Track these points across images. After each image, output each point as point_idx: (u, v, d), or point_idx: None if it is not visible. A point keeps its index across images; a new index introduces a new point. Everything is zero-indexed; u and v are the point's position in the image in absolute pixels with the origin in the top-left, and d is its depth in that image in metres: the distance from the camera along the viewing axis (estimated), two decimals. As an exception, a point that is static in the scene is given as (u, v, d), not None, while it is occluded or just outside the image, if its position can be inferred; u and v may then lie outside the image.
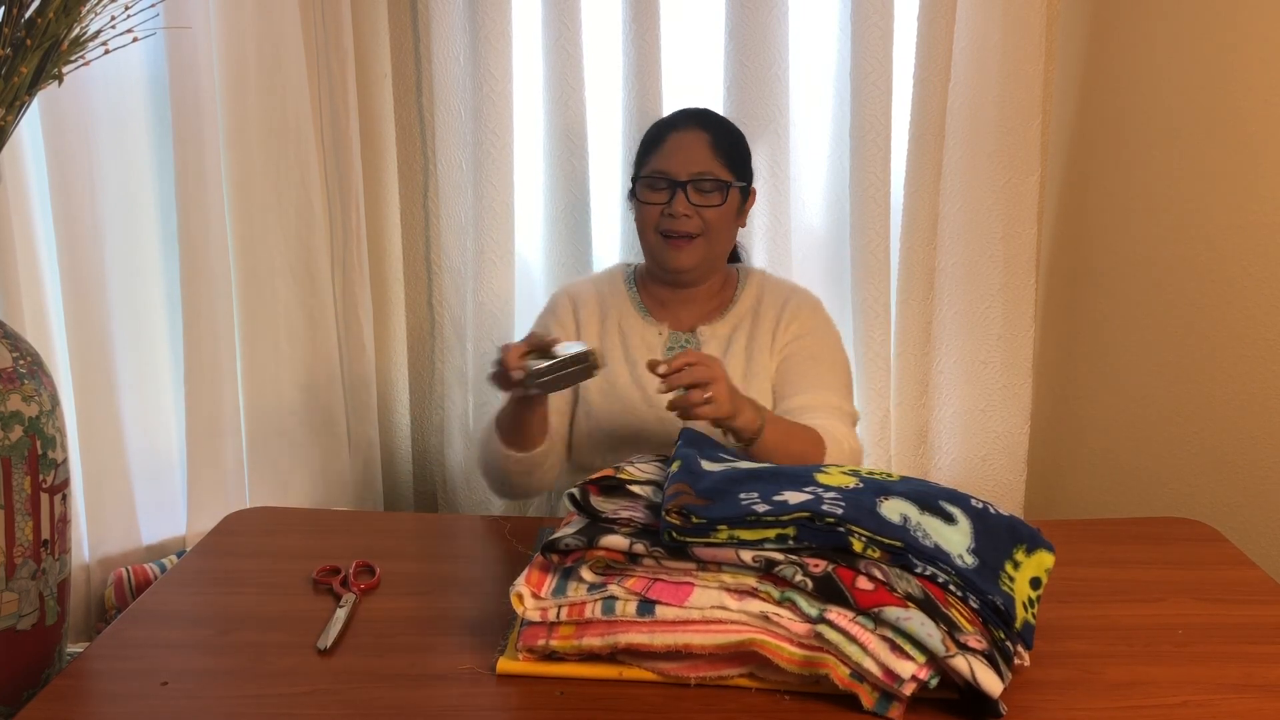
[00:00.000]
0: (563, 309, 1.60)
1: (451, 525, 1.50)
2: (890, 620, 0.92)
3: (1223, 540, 1.32)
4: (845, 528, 0.96)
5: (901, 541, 0.96)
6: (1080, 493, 2.03)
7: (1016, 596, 0.99)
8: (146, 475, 1.73)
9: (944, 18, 1.83)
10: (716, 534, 0.97)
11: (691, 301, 1.58)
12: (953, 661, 0.90)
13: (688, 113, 1.58)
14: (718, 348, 1.55)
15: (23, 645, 1.08)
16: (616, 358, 1.55)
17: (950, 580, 0.95)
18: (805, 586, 0.94)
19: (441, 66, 1.88)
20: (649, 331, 1.57)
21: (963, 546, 0.99)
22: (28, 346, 1.11)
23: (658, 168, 1.52)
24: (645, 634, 0.96)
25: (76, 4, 1.05)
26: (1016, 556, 1.03)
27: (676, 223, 1.49)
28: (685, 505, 0.98)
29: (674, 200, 1.49)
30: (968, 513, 1.04)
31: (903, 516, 1.00)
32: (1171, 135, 1.77)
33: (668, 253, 1.52)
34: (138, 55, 1.63)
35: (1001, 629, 0.94)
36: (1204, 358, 1.75)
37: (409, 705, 0.96)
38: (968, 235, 1.95)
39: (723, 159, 1.51)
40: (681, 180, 1.49)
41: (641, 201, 1.53)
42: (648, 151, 1.56)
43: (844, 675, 0.92)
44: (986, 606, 0.95)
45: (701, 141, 1.51)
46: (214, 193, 1.70)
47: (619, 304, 1.59)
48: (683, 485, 1.02)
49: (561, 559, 1.01)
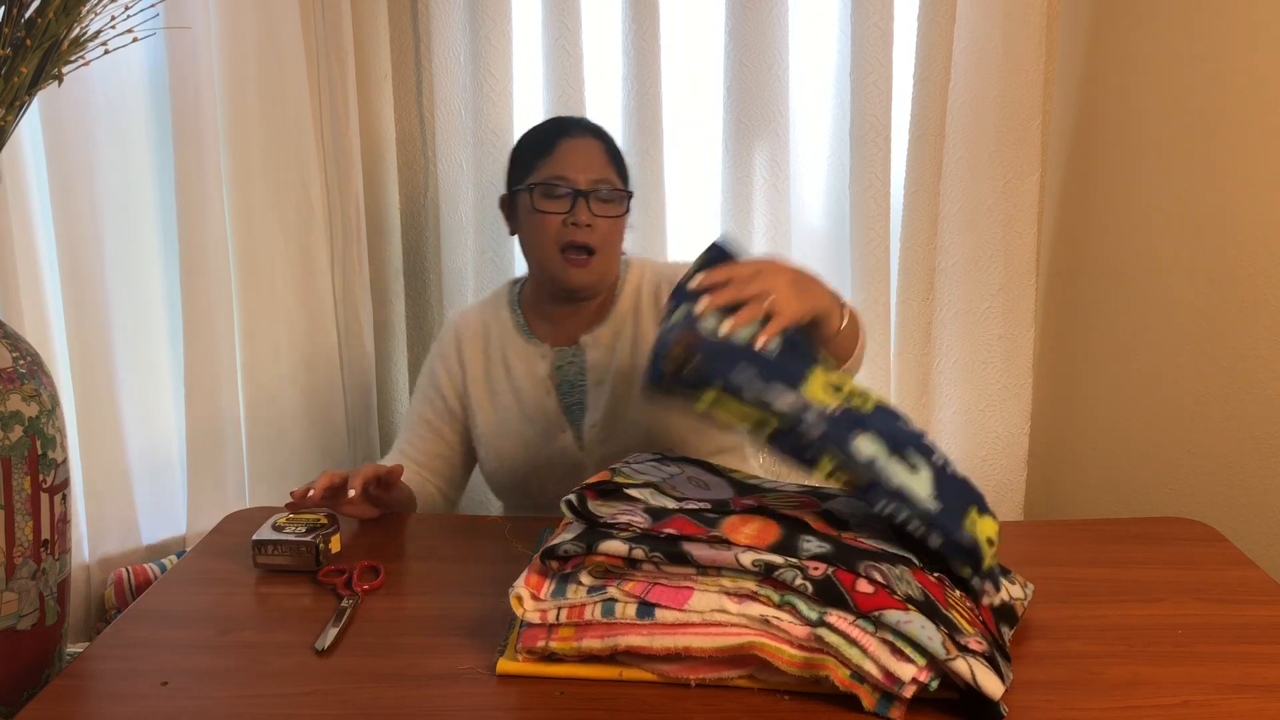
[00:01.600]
0: (447, 346, 1.56)
1: (451, 525, 1.50)
2: (890, 623, 0.91)
3: (1223, 540, 1.32)
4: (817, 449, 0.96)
5: (871, 477, 0.97)
6: (1080, 493, 2.03)
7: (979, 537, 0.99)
8: (146, 475, 1.73)
9: (944, 18, 1.83)
10: (702, 392, 0.95)
11: (575, 313, 1.52)
12: (953, 664, 0.90)
13: (573, 120, 1.53)
14: (603, 356, 1.49)
15: (23, 645, 1.08)
16: (504, 390, 1.52)
17: (914, 516, 0.96)
18: (805, 590, 0.94)
19: (441, 66, 1.88)
20: (533, 354, 1.51)
21: (924, 493, 1.00)
22: (28, 346, 1.12)
23: (556, 174, 1.43)
24: (644, 636, 0.96)
25: (76, 4, 1.05)
26: (971, 516, 1.02)
27: (579, 233, 1.42)
28: (690, 345, 0.96)
29: (575, 209, 1.42)
30: (931, 466, 1.03)
31: (872, 455, 1.00)
32: (1172, 135, 1.77)
33: (569, 272, 1.44)
34: (138, 55, 1.63)
35: (970, 567, 0.96)
36: (1204, 358, 1.75)
37: (409, 705, 0.96)
38: (968, 235, 1.95)
39: (615, 168, 1.47)
40: (583, 188, 1.42)
41: (539, 211, 1.44)
42: (535, 157, 1.46)
43: (844, 677, 0.92)
44: (952, 545, 0.96)
45: (596, 149, 1.46)
46: (214, 193, 1.70)
47: (502, 332, 1.54)
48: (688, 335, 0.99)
49: (561, 565, 1.01)
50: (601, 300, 1.53)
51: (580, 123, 1.52)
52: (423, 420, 1.57)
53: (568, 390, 1.51)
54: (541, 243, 1.45)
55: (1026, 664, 1.00)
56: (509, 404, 1.52)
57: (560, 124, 1.51)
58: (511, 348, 1.53)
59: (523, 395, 1.51)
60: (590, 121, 1.53)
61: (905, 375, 1.98)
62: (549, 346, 1.52)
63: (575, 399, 1.50)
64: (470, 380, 1.54)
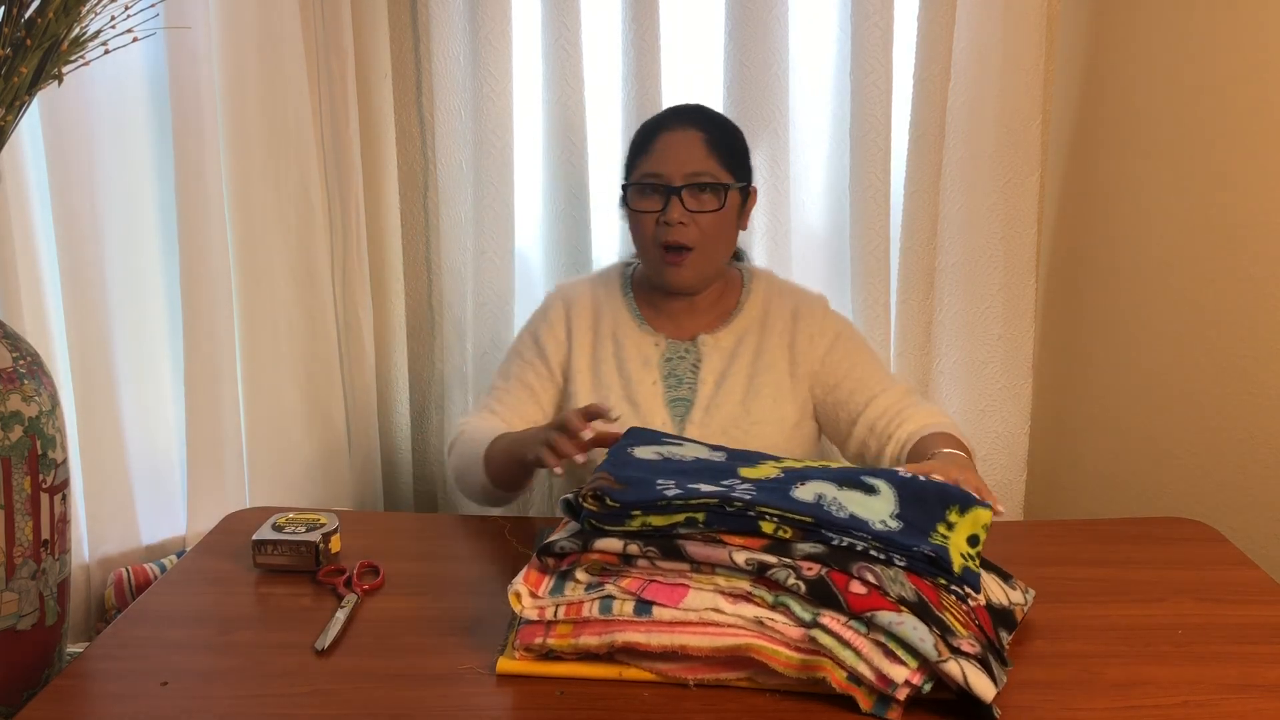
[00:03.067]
0: (555, 313, 1.54)
1: (451, 525, 1.50)
2: (883, 625, 0.92)
3: (1223, 540, 1.32)
4: (755, 511, 0.97)
5: (812, 517, 0.98)
6: (1080, 492, 2.02)
7: (952, 548, 0.99)
8: (146, 475, 1.73)
9: (944, 18, 1.83)
10: (631, 521, 0.98)
11: (691, 308, 1.52)
12: (945, 667, 0.90)
13: (678, 110, 1.50)
14: (721, 359, 1.49)
15: (23, 645, 1.08)
16: (610, 369, 1.50)
17: (869, 545, 0.96)
18: (798, 590, 0.94)
19: (441, 66, 1.88)
20: (645, 342, 1.51)
21: (885, 514, 1.01)
22: (28, 346, 1.12)
23: (649, 170, 1.43)
24: (642, 633, 0.96)
25: (76, 4, 1.05)
26: (950, 518, 1.03)
27: (672, 231, 1.41)
28: (602, 488, 1.00)
29: (668, 207, 1.40)
30: (892, 483, 1.05)
31: (817, 495, 1.01)
32: (1172, 135, 1.77)
33: (666, 271, 1.44)
34: (138, 55, 1.63)
35: (942, 576, 0.96)
36: (1204, 358, 1.75)
37: (409, 705, 0.96)
38: (968, 235, 1.95)
39: (719, 158, 1.43)
40: (676, 185, 1.41)
41: (634, 210, 1.45)
42: (636, 154, 1.47)
43: (841, 678, 0.92)
44: (916, 559, 0.96)
45: (695, 140, 1.42)
46: (214, 193, 1.69)
47: (614, 310, 1.54)
48: (604, 474, 1.04)
49: (557, 563, 1.01)
50: (724, 302, 1.53)
51: (686, 114, 1.48)
52: (522, 383, 1.53)
53: (674, 384, 1.49)
54: (641, 243, 1.46)
55: (1026, 664, 1.00)
56: (613, 383, 1.50)
57: (663, 118, 1.49)
58: (623, 329, 1.52)
59: (629, 377, 1.49)
60: (699, 110, 1.50)
61: (905, 375, 1.98)
62: (663, 337, 1.51)
63: (681, 394, 1.49)
64: (576, 352, 1.52)
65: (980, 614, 1.00)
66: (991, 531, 1.13)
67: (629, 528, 0.98)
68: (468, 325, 1.95)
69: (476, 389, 1.97)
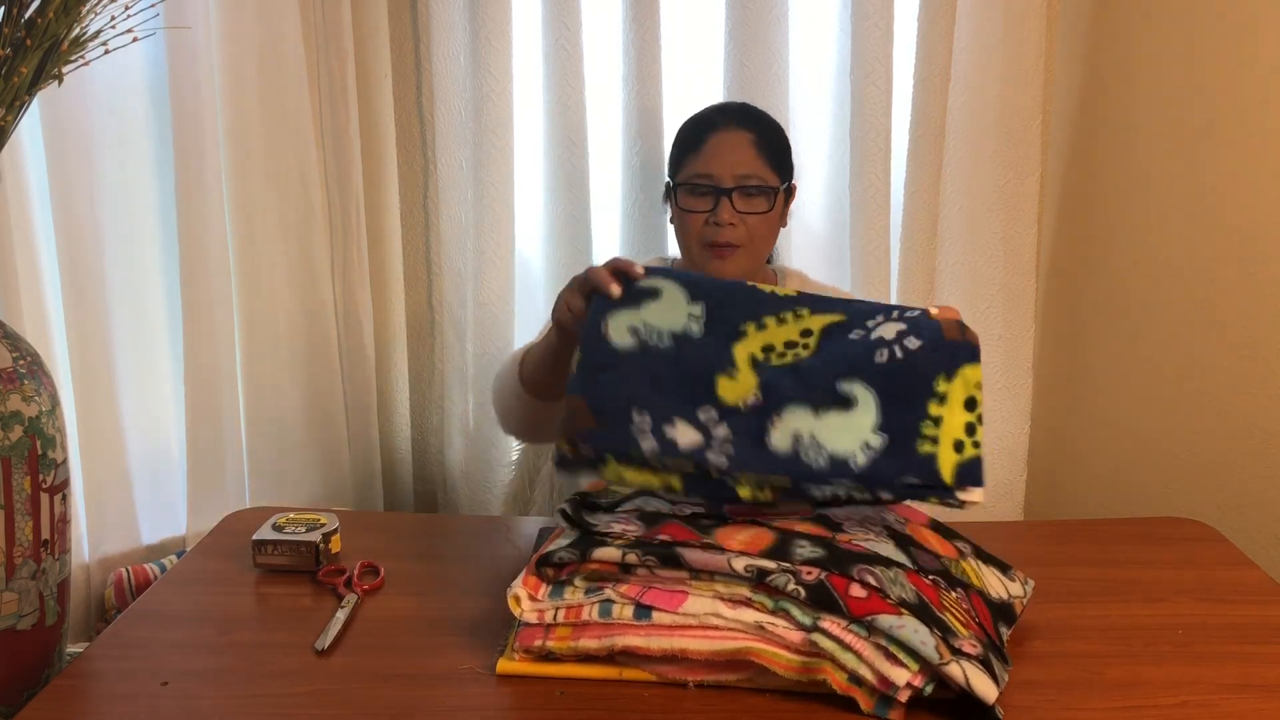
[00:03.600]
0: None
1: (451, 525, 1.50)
2: (884, 628, 0.91)
3: (1223, 540, 1.32)
4: (731, 478, 0.97)
5: (789, 476, 0.97)
6: (1080, 493, 2.02)
7: (944, 440, 0.97)
8: (146, 475, 1.73)
9: (944, 18, 1.83)
10: (605, 467, 0.98)
11: None
12: (947, 669, 0.90)
13: (727, 110, 1.50)
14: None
15: (22, 645, 1.08)
16: None
17: (851, 491, 0.96)
18: (798, 595, 0.94)
19: (441, 66, 1.88)
20: None
21: (866, 430, 0.98)
22: (28, 346, 1.12)
23: (699, 171, 1.43)
24: (642, 637, 0.96)
25: (76, 4, 1.05)
26: (939, 389, 0.99)
27: (722, 232, 1.42)
28: (576, 431, 0.98)
29: (719, 208, 1.41)
30: (871, 381, 1.00)
31: (794, 437, 0.99)
32: (1172, 135, 1.77)
33: (712, 264, 1.44)
34: (138, 55, 1.63)
35: (933, 495, 0.95)
36: (1204, 357, 1.75)
37: (409, 705, 0.96)
38: (968, 235, 1.95)
39: (767, 159, 1.44)
40: (726, 186, 1.41)
41: (683, 210, 1.45)
42: (685, 152, 1.47)
43: (842, 680, 0.92)
44: (903, 489, 0.96)
45: (745, 141, 1.43)
46: (214, 193, 1.70)
47: None
48: (577, 400, 1.01)
49: (556, 572, 1.01)
50: None
51: (734, 113, 1.48)
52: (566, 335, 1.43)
53: None
54: (687, 240, 1.47)
55: (1026, 664, 1.00)
56: None
57: (712, 116, 1.49)
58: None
59: None
60: (747, 109, 1.50)
61: (905, 375, 1.98)
62: None
63: None
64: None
65: (980, 610, 1.00)
66: (992, 531, 1.13)
67: (603, 474, 0.98)
68: (468, 325, 1.95)
69: (476, 389, 1.97)
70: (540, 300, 1.97)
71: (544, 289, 1.97)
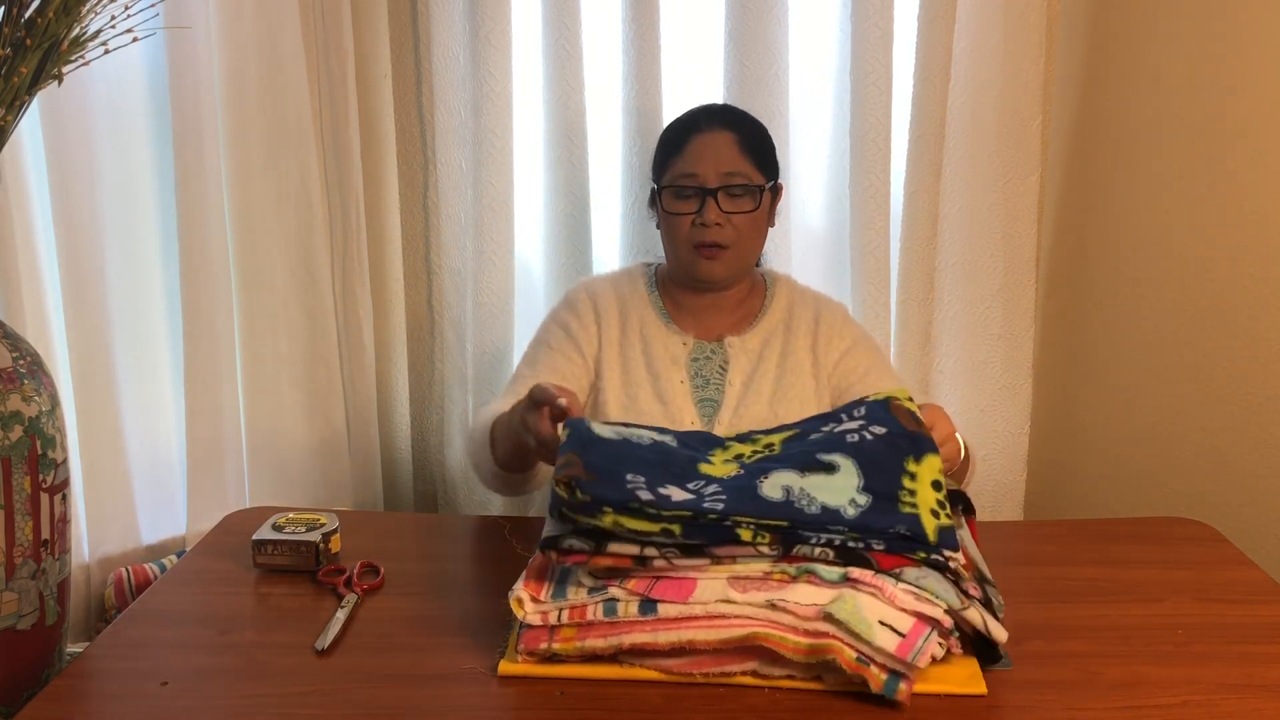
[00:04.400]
0: (583, 306, 1.52)
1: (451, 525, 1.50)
2: (911, 580, 0.96)
3: (1223, 540, 1.32)
4: (730, 520, 0.97)
5: (787, 519, 0.98)
6: (1080, 493, 2.02)
7: (922, 507, 1.00)
8: (146, 475, 1.73)
9: (944, 18, 1.83)
10: (602, 515, 0.97)
11: (717, 309, 1.52)
12: (967, 613, 0.95)
13: (709, 111, 1.50)
14: (748, 361, 1.49)
15: (23, 645, 1.08)
16: (638, 366, 1.50)
17: (847, 538, 0.98)
18: (826, 556, 0.97)
19: (441, 66, 1.88)
20: (672, 340, 1.51)
21: (852, 489, 1.01)
22: (28, 346, 1.12)
23: (683, 172, 1.44)
24: (648, 633, 0.96)
25: (76, 4, 1.05)
26: (909, 468, 1.04)
27: (709, 232, 1.42)
28: (573, 478, 0.98)
29: (704, 208, 1.42)
30: (848, 453, 1.05)
31: (784, 490, 1.01)
32: (1172, 135, 1.77)
33: (701, 264, 1.45)
34: (138, 55, 1.63)
35: (920, 550, 0.98)
36: (1204, 358, 1.75)
37: (409, 705, 0.96)
38: (968, 235, 1.95)
39: (751, 158, 1.44)
40: (711, 186, 1.42)
41: (669, 212, 1.46)
42: (669, 155, 1.47)
43: (851, 659, 0.93)
44: (894, 540, 0.98)
45: (728, 141, 1.44)
46: (214, 193, 1.70)
47: (640, 308, 1.53)
48: (571, 456, 1.01)
49: (561, 557, 1.00)
50: (748, 304, 1.54)
51: (716, 114, 1.49)
52: (551, 369, 1.48)
53: (701, 384, 1.49)
54: (675, 242, 1.47)
55: (1026, 664, 1.00)
56: (641, 380, 1.49)
57: (694, 118, 1.49)
58: (650, 327, 1.51)
59: (657, 374, 1.49)
60: (728, 110, 1.51)
61: (905, 375, 1.98)
62: (690, 336, 1.51)
63: (709, 395, 1.49)
64: (606, 345, 1.51)
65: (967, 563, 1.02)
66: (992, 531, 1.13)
67: (600, 523, 0.97)
68: (468, 326, 1.95)
69: (476, 389, 1.97)
70: (540, 300, 1.97)
71: (544, 289, 1.97)
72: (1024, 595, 1.13)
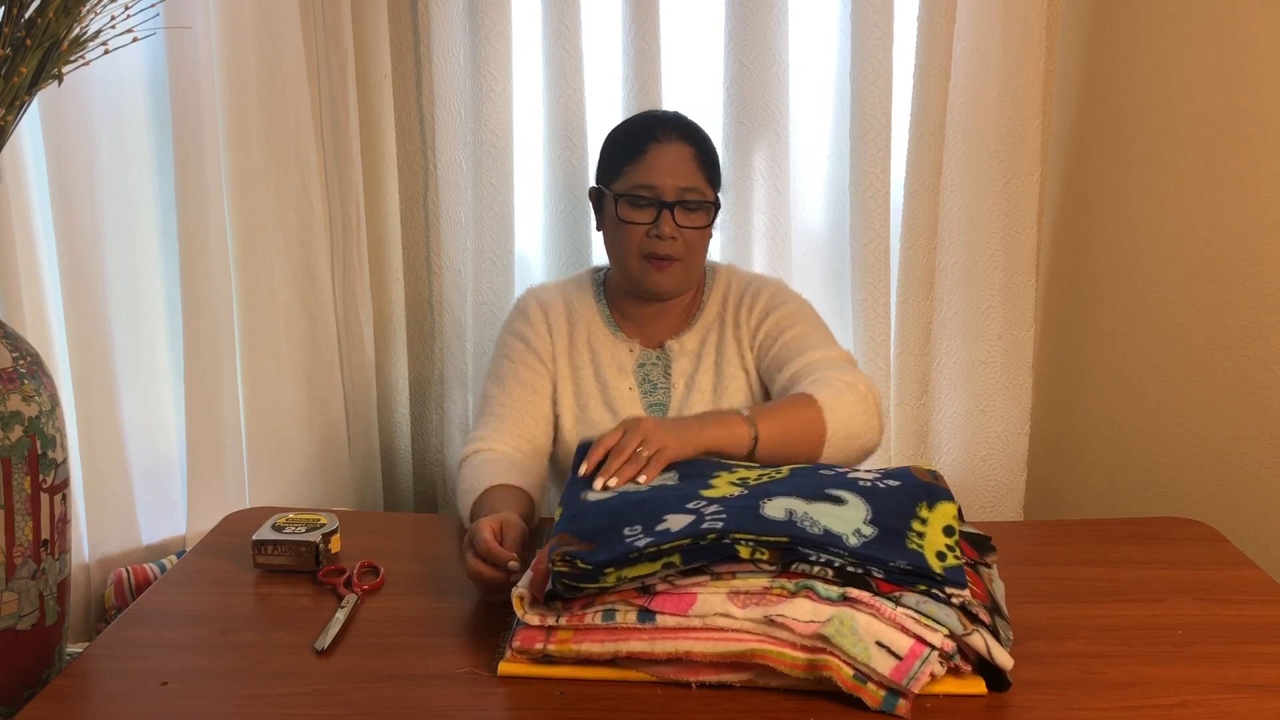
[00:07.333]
0: (535, 314, 1.52)
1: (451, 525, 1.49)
2: (910, 604, 0.94)
3: (1223, 540, 1.32)
4: (730, 538, 0.96)
5: (788, 536, 0.97)
6: (1080, 493, 2.02)
7: (928, 549, 0.99)
8: (146, 475, 1.73)
9: (944, 18, 1.83)
10: (605, 578, 0.96)
11: (662, 316, 1.53)
12: (970, 639, 0.93)
13: (664, 120, 1.48)
14: (688, 362, 1.50)
15: (23, 645, 1.08)
16: (587, 375, 1.51)
17: (846, 562, 0.96)
18: (825, 575, 0.96)
19: (441, 66, 1.88)
20: (619, 349, 1.52)
21: (858, 521, 1.01)
22: (28, 346, 1.12)
23: (641, 182, 1.42)
24: (645, 641, 0.96)
25: (76, 4, 1.05)
26: (921, 514, 1.03)
27: (662, 245, 1.42)
28: (569, 553, 0.97)
29: (660, 221, 1.41)
30: (857, 492, 1.05)
31: (787, 512, 1.01)
32: (1172, 135, 1.77)
33: (650, 276, 1.45)
34: (138, 55, 1.63)
35: (923, 583, 0.96)
36: (1204, 357, 1.75)
37: (409, 705, 0.96)
38: (968, 235, 1.95)
39: (706, 174, 1.45)
40: (669, 200, 1.41)
41: (623, 220, 1.44)
42: (624, 163, 1.45)
43: (847, 677, 0.92)
44: (894, 573, 0.96)
45: (687, 155, 1.43)
46: (214, 193, 1.69)
47: (588, 318, 1.53)
48: (565, 536, 1.01)
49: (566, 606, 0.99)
50: (688, 305, 1.54)
51: (674, 125, 1.47)
52: (519, 382, 1.49)
53: (650, 389, 1.51)
54: (624, 250, 1.46)
55: (1026, 664, 1.00)
56: (591, 389, 1.50)
57: (652, 126, 1.46)
58: (597, 336, 1.52)
59: (606, 383, 1.50)
60: (685, 122, 1.49)
61: (905, 375, 1.98)
62: (636, 343, 1.52)
63: (657, 399, 1.51)
64: (558, 353, 1.51)
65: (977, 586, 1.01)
66: (992, 531, 1.13)
67: (604, 584, 0.96)
68: (468, 325, 1.95)
69: (476, 389, 1.97)
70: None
71: (544, 289, 1.97)
72: (1024, 595, 1.13)
